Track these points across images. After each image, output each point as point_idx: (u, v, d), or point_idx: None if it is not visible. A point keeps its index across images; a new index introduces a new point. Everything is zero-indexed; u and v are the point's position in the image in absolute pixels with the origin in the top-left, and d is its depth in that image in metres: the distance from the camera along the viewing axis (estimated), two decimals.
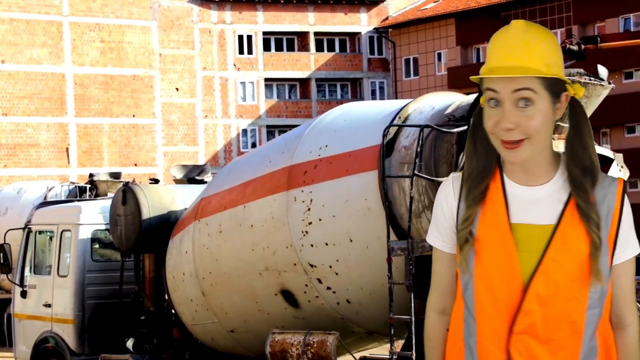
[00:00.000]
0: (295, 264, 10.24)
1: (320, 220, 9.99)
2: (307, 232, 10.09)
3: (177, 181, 14.57)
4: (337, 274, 9.98)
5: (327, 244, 9.97)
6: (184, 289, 11.75)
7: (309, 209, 10.02)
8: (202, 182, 14.10)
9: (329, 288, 10.08)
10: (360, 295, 10.00)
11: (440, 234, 3.11)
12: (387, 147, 9.83)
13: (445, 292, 3.15)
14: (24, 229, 14.46)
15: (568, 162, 2.95)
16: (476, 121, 3.05)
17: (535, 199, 2.94)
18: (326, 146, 10.10)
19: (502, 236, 2.93)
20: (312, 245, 10.06)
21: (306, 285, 10.21)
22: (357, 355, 11.04)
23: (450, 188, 3.07)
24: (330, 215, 9.92)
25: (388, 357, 10.01)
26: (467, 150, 3.04)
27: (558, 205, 2.93)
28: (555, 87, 2.91)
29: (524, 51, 2.92)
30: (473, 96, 9.70)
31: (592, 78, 9.38)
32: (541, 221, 2.92)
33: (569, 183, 2.94)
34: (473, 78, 3.00)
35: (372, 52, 55.83)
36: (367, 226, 9.73)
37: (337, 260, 9.94)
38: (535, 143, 2.90)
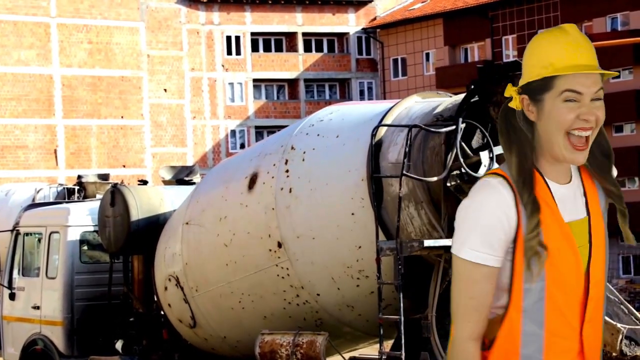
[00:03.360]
0: (282, 146, 10.66)
1: (331, 119, 10.64)
2: (312, 125, 10.64)
3: (166, 182, 14.55)
4: (303, 160, 10.37)
5: (318, 135, 10.47)
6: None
7: (332, 113, 10.78)
8: (190, 183, 14.08)
9: (287, 171, 10.38)
10: (303, 188, 10.24)
11: (494, 249, 2.98)
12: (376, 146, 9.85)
13: (486, 316, 3.01)
14: (12, 231, 14.41)
15: (592, 150, 3.11)
16: (513, 123, 3.09)
17: (569, 196, 3.09)
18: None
19: (566, 238, 3.04)
20: (306, 134, 10.59)
21: (274, 165, 10.55)
22: (347, 355, 11.04)
23: (507, 198, 2.99)
24: (340, 118, 10.58)
25: (377, 357, 10.02)
26: (514, 156, 3.04)
27: (582, 199, 3.10)
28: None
29: (592, 52, 3.10)
30: (461, 96, 9.71)
31: None
32: (579, 215, 3.09)
33: (595, 170, 3.15)
34: (556, 70, 3.03)
35: (360, 53, 55.85)
36: (355, 125, 10.25)
37: (313, 149, 10.37)
38: (594, 136, 3.09)
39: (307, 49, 55.42)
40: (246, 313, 11.06)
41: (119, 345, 12.78)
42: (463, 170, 9.18)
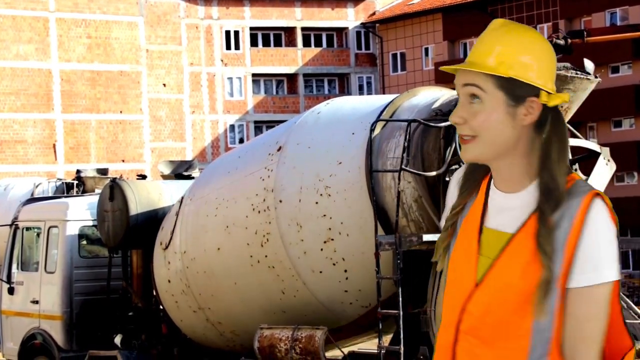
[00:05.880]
0: None
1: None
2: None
3: (165, 177, 14.56)
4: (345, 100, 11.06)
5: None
6: None
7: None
8: (189, 177, 14.09)
9: (328, 104, 10.99)
10: (329, 113, 10.81)
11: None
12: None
13: None
14: (11, 225, 14.42)
15: (537, 178, 2.80)
16: None
17: (507, 207, 2.82)
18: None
19: (470, 237, 2.85)
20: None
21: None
22: (346, 350, 11.05)
23: (453, 183, 3.02)
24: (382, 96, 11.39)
25: (376, 351, 10.03)
26: None
27: (523, 216, 2.78)
28: (514, 89, 2.77)
29: (483, 47, 2.81)
30: None
31: (578, 72, 9.42)
32: (504, 228, 2.80)
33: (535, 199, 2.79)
34: (445, 68, 2.95)
35: (359, 47, 55.84)
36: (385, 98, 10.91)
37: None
38: (485, 144, 2.77)
39: (306, 43, 55.40)
40: (211, 222, 11.21)
41: (117, 339, 12.79)
42: (462, 165, 9.19)
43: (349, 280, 10.06)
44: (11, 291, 14.14)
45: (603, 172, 9.98)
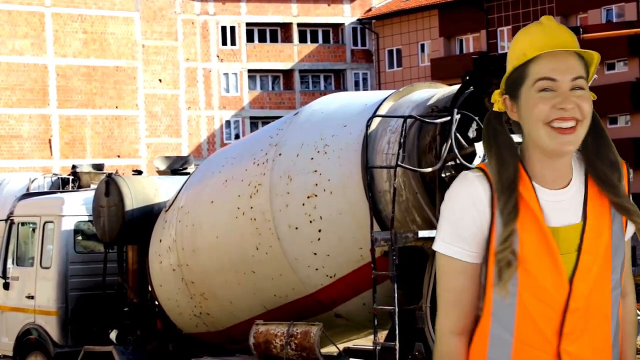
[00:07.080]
0: None
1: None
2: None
3: (161, 172, 14.56)
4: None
5: None
6: None
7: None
8: (185, 173, 14.09)
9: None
10: (340, 96, 11.34)
11: (466, 243, 2.90)
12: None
13: (467, 311, 2.94)
14: (6, 220, 14.41)
15: (593, 160, 2.94)
16: (495, 127, 2.95)
17: (561, 201, 2.92)
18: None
19: (546, 243, 2.87)
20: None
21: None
22: (341, 346, 11.06)
23: (480, 193, 2.90)
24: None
25: (371, 348, 10.04)
26: (493, 160, 2.90)
27: (580, 203, 2.92)
28: (587, 77, 2.93)
29: (570, 38, 2.91)
30: (456, 87, 9.72)
31: None
32: (572, 221, 2.91)
33: (595, 181, 2.94)
34: (526, 56, 2.88)
35: (355, 44, 55.83)
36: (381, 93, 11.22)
37: None
38: (584, 129, 2.87)
39: (302, 39, 55.38)
40: (215, 178, 11.42)
41: (113, 335, 12.78)
42: (458, 161, 9.21)
43: (321, 242, 10.10)
44: (6, 286, 14.12)
45: None
